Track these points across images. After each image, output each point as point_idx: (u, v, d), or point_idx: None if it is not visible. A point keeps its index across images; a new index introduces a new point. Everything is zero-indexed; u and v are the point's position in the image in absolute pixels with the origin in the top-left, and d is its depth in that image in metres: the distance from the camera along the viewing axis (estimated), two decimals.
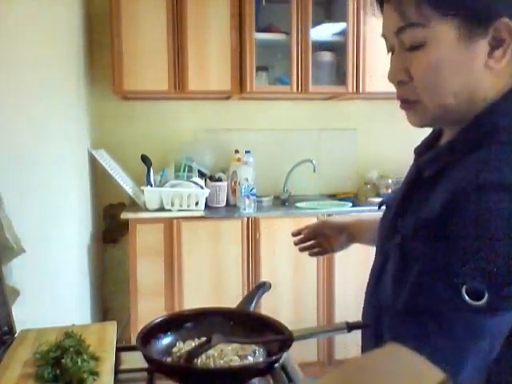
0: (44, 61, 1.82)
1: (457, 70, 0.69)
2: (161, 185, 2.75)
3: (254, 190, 2.75)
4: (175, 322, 1.00)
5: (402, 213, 0.77)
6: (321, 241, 1.21)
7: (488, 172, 0.63)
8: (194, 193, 2.66)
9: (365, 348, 0.93)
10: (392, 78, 0.74)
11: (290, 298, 2.69)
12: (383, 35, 0.77)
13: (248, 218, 2.65)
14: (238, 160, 2.93)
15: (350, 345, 2.72)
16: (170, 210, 2.63)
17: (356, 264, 2.58)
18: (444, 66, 0.69)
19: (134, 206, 2.74)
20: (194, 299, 2.60)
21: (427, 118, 0.74)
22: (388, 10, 0.73)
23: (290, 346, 0.83)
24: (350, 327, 0.89)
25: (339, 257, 2.69)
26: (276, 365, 0.87)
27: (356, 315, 1.04)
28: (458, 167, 0.68)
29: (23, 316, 1.14)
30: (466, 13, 0.66)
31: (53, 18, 2.01)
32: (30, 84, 1.62)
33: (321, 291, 2.73)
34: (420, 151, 0.83)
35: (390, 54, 0.77)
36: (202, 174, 2.91)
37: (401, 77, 0.73)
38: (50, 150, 1.87)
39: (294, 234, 1.24)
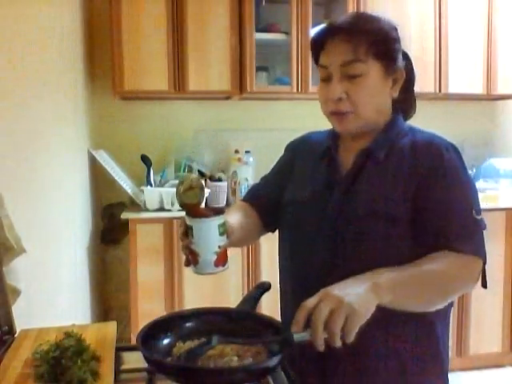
0: (44, 61, 1.82)
1: (378, 95, 1.06)
2: (161, 185, 2.75)
3: None
4: (175, 322, 1.00)
5: (352, 195, 1.06)
6: None
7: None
8: None
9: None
10: (333, 96, 1.05)
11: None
12: (324, 66, 1.07)
13: None
14: (238, 160, 2.93)
15: None
16: (169, 210, 2.63)
17: None
18: (373, 91, 1.05)
19: (134, 205, 2.74)
20: (194, 299, 2.60)
21: (356, 125, 1.08)
22: (339, 46, 1.03)
23: (290, 345, 0.83)
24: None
25: None
26: (276, 365, 0.87)
27: None
28: (398, 153, 1.07)
29: (23, 316, 1.14)
30: (387, 59, 1.05)
31: (53, 18, 2.01)
32: (30, 84, 1.62)
33: None
34: (319, 150, 1.19)
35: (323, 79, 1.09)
36: (201, 174, 2.91)
37: (341, 96, 1.04)
38: (50, 150, 1.87)
39: None
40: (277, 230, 1.27)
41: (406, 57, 1.12)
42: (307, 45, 2.78)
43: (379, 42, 1.04)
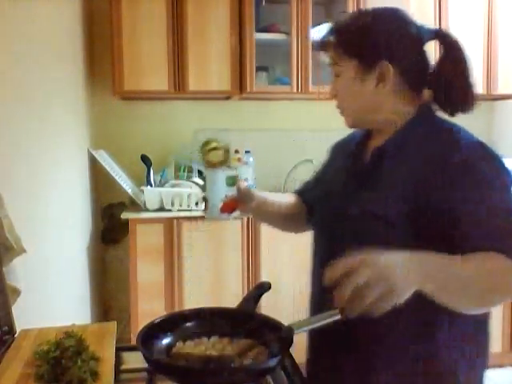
0: (44, 61, 1.82)
1: (359, 93, 1.04)
2: (161, 185, 2.75)
3: None
4: (175, 322, 1.00)
5: (369, 189, 1.01)
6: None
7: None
8: (194, 193, 2.66)
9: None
10: (329, 93, 1.13)
11: (290, 298, 2.69)
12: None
13: (248, 218, 2.65)
14: (238, 160, 2.93)
15: None
16: (170, 210, 2.63)
17: None
18: (351, 90, 1.05)
19: (134, 205, 2.74)
20: (194, 299, 2.60)
21: (349, 122, 1.11)
22: (329, 49, 1.09)
23: (291, 340, 0.83)
24: (342, 313, 0.89)
25: None
26: (276, 364, 0.87)
27: None
28: (416, 149, 0.99)
29: (23, 316, 1.14)
30: (359, 57, 1.01)
31: (53, 18, 2.01)
32: (30, 84, 1.62)
33: None
34: (350, 148, 1.15)
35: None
36: (202, 174, 2.91)
37: (334, 93, 1.11)
38: (49, 150, 1.87)
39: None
40: None
41: (440, 36, 1.03)
42: (307, 45, 2.79)
43: (349, 40, 1.03)
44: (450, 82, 1.01)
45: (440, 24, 2.92)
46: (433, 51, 1.07)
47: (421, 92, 1.05)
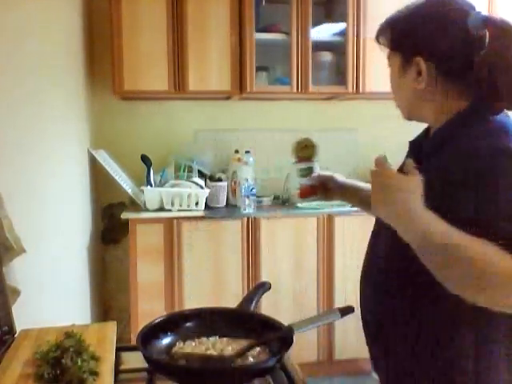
0: (44, 61, 1.82)
1: (400, 87, 1.05)
2: (161, 185, 2.75)
3: (253, 190, 2.75)
4: (175, 322, 1.00)
5: None
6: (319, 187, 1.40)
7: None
8: (194, 193, 2.66)
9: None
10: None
11: (290, 298, 2.69)
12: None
13: (248, 218, 2.65)
14: (238, 160, 2.93)
15: (349, 345, 2.73)
16: (170, 210, 2.63)
17: (356, 264, 2.58)
18: (395, 83, 1.07)
19: (134, 205, 2.74)
20: (194, 299, 2.60)
21: (404, 114, 1.09)
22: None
23: (291, 341, 0.83)
24: (342, 312, 0.95)
25: (339, 257, 2.70)
26: (276, 364, 0.87)
27: (356, 314, 1.04)
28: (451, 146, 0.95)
29: (23, 316, 1.14)
30: (402, 51, 1.02)
31: (53, 18, 2.01)
32: (30, 84, 1.62)
33: (321, 291, 2.73)
34: (414, 144, 1.11)
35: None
36: (201, 174, 2.91)
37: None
38: (49, 150, 1.87)
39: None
40: None
41: (492, 25, 0.91)
42: (307, 45, 2.79)
43: (393, 33, 1.05)
44: (498, 75, 0.91)
45: None
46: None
47: (470, 89, 0.96)
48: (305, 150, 1.45)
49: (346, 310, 0.96)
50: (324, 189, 1.38)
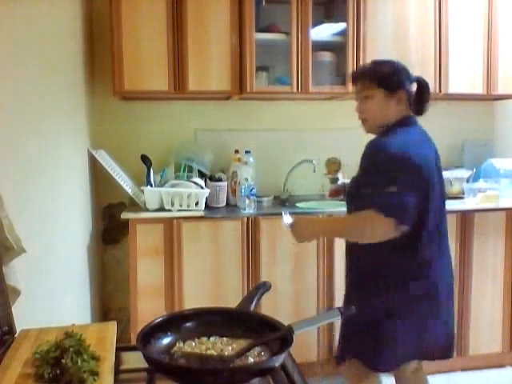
0: (44, 61, 1.82)
1: (383, 110, 1.78)
2: (161, 185, 2.75)
3: (254, 190, 2.75)
4: (175, 322, 1.00)
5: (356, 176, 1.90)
6: None
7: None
8: (194, 193, 2.66)
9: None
10: (357, 109, 1.86)
11: (290, 298, 2.69)
12: (355, 92, 1.88)
13: (248, 218, 2.65)
14: (238, 160, 2.93)
15: None
16: (170, 210, 2.63)
17: None
18: (379, 107, 1.79)
19: (134, 205, 2.74)
20: (194, 299, 2.60)
21: (370, 128, 1.85)
22: (358, 81, 1.85)
23: (291, 340, 0.83)
24: (342, 312, 0.96)
25: (339, 257, 2.69)
26: (276, 364, 0.87)
27: None
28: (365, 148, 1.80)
29: (23, 316, 1.14)
30: (387, 88, 1.76)
31: (53, 18, 2.01)
32: (30, 84, 1.62)
33: (321, 291, 2.73)
34: None
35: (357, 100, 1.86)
36: (202, 174, 2.91)
37: (361, 109, 1.85)
38: (49, 150, 1.87)
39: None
40: None
41: (420, 83, 1.83)
42: (307, 45, 2.79)
43: (380, 77, 1.77)
44: (424, 101, 1.83)
45: (440, 25, 2.93)
46: None
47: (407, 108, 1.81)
48: (332, 165, 2.37)
49: (346, 310, 0.96)
50: (344, 192, 2.26)
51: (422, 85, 1.82)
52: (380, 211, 1.58)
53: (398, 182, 1.60)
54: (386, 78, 1.75)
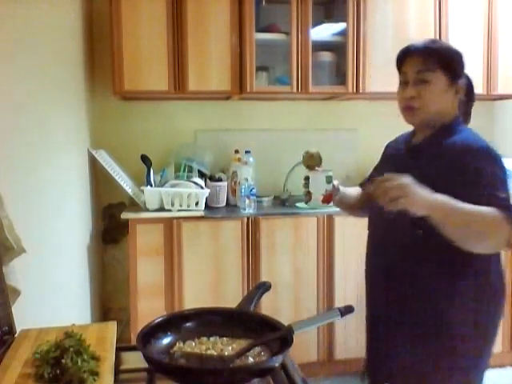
0: (44, 61, 1.82)
1: (441, 99, 1.42)
2: (161, 185, 2.75)
3: (253, 190, 2.75)
4: (175, 322, 1.00)
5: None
6: None
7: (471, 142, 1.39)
8: (194, 193, 2.66)
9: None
10: (407, 95, 1.42)
11: (290, 298, 2.69)
12: (405, 72, 1.45)
13: (248, 218, 2.65)
14: (238, 160, 2.93)
15: (349, 345, 2.73)
16: (170, 210, 2.63)
17: (356, 265, 2.58)
18: (438, 95, 1.41)
19: (134, 205, 2.74)
20: (194, 299, 2.60)
21: (421, 119, 1.43)
22: (414, 58, 1.44)
23: (291, 340, 0.83)
24: (342, 312, 0.96)
25: (339, 257, 2.70)
26: (276, 364, 0.87)
27: (356, 314, 1.04)
28: (444, 148, 1.40)
29: (23, 316, 1.14)
30: (451, 73, 1.42)
31: (53, 18, 2.01)
32: (30, 84, 1.62)
33: (321, 291, 2.73)
34: (397, 145, 1.59)
35: (402, 83, 1.47)
36: (202, 174, 2.91)
37: (414, 95, 1.41)
38: (49, 150, 1.87)
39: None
40: None
41: (468, 79, 1.50)
42: (307, 45, 2.78)
43: (447, 59, 1.42)
44: (471, 102, 1.54)
45: (440, 24, 2.92)
46: None
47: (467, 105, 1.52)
48: (310, 160, 1.73)
49: (346, 310, 0.96)
50: (334, 196, 1.69)
51: (470, 81, 1.52)
52: (508, 216, 1.23)
53: (506, 188, 1.31)
54: (452, 61, 1.43)
